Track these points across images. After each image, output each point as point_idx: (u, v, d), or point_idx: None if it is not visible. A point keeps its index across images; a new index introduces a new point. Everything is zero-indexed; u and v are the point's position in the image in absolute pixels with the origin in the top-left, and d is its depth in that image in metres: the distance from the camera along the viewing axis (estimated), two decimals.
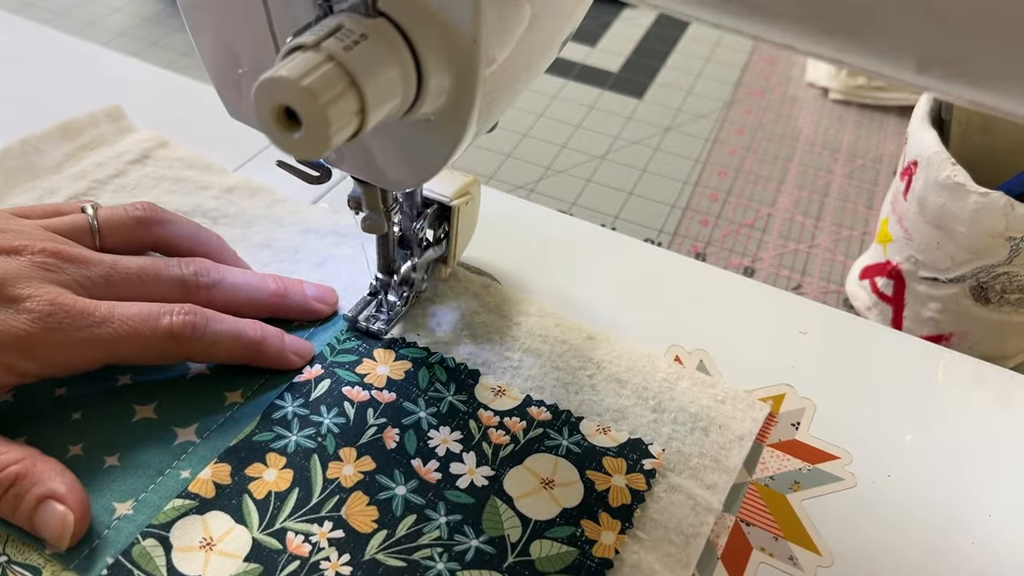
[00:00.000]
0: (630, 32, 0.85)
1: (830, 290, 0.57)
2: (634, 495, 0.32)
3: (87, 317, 0.31)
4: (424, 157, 0.27)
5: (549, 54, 0.29)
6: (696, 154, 0.68)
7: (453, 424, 0.34)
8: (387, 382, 0.36)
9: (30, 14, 0.80)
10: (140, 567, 0.29)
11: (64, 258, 0.33)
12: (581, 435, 0.34)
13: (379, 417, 0.34)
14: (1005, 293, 0.45)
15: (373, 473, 0.32)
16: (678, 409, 0.36)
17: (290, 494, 0.31)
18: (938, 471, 0.36)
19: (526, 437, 0.34)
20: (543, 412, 0.35)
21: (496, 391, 0.36)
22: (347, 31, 0.21)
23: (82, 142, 0.47)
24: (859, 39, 0.18)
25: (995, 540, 0.33)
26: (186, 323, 0.33)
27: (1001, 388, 0.39)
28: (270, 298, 0.37)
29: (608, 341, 0.38)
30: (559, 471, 0.33)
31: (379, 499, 0.32)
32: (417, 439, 0.34)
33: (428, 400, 0.35)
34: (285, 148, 0.21)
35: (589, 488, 0.33)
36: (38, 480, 0.29)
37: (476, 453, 0.33)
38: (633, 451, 0.34)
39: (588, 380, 0.37)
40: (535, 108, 0.72)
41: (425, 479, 0.32)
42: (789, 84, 0.78)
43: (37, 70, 0.54)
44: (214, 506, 0.31)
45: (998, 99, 0.17)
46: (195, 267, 0.36)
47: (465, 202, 0.38)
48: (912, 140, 0.47)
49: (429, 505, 0.32)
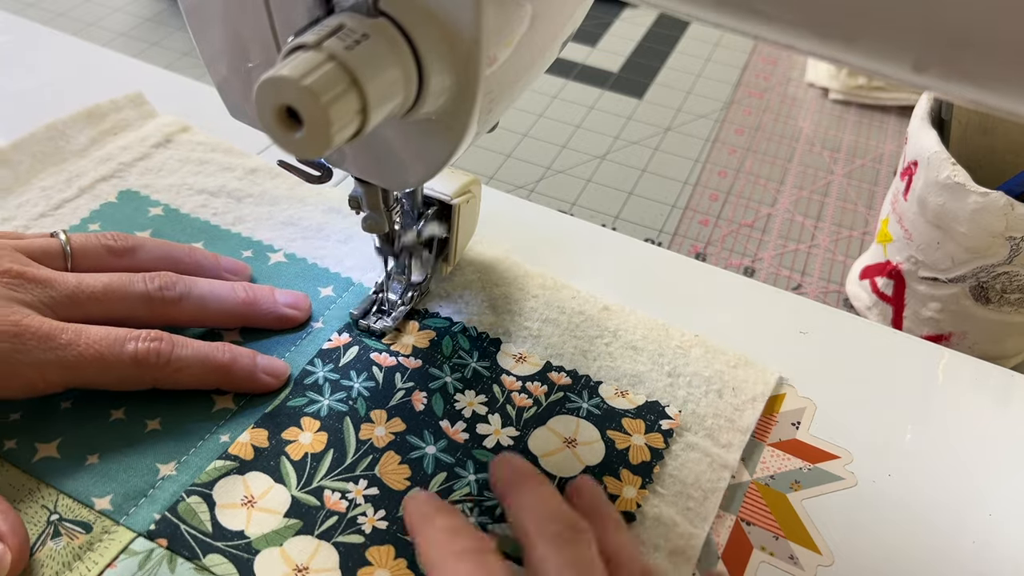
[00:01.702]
0: (630, 32, 0.85)
1: (830, 290, 0.57)
2: (653, 453, 0.34)
3: (52, 340, 0.31)
4: (425, 157, 0.27)
5: (549, 54, 0.29)
6: (696, 154, 0.68)
7: (478, 388, 0.36)
8: (413, 350, 0.37)
9: (30, 14, 0.80)
10: (186, 521, 0.30)
11: (28, 279, 0.32)
12: (600, 398, 0.36)
13: (407, 381, 0.36)
14: (1005, 293, 0.45)
15: (403, 434, 0.34)
16: (692, 374, 0.37)
17: (325, 455, 0.33)
18: (938, 471, 0.36)
19: (548, 400, 0.36)
20: (563, 377, 0.37)
21: (517, 358, 0.37)
22: (348, 31, 0.21)
23: (106, 127, 0.48)
24: (855, 44, 0.18)
25: (995, 540, 0.33)
26: (151, 350, 0.32)
27: (1001, 388, 0.39)
28: (239, 306, 0.37)
29: (623, 312, 0.40)
30: (581, 431, 0.35)
31: (410, 458, 0.33)
32: (444, 402, 0.35)
33: (453, 366, 0.37)
34: (286, 148, 0.21)
35: (610, 447, 0.34)
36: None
37: (501, 415, 0.35)
38: (651, 412, 0.36)
39: (605, 348, 0.38)
40: (535, 108, 0.72)
41: (453, 439, 0.34)
42: (789, 84, 0.78)
43: (37, 70, 0.54)
44: (253, 467, 0.32)
45: (998, 99, 0.18)
46: (159, 282, 0.35)
47: (466, 200, 0.38)
48: (912, 140, 0.47)
49: (458, 464, 0.33)
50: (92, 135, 0.47)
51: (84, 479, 0.31)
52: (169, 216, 0.43)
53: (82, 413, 0.33)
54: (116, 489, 0.31)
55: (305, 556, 0.30)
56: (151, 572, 0.29)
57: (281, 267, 0.41)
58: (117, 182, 0.45)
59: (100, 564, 0.29)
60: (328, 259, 0.42)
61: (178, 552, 0.29)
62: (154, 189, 0.45)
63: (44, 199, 0.43)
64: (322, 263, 0.42)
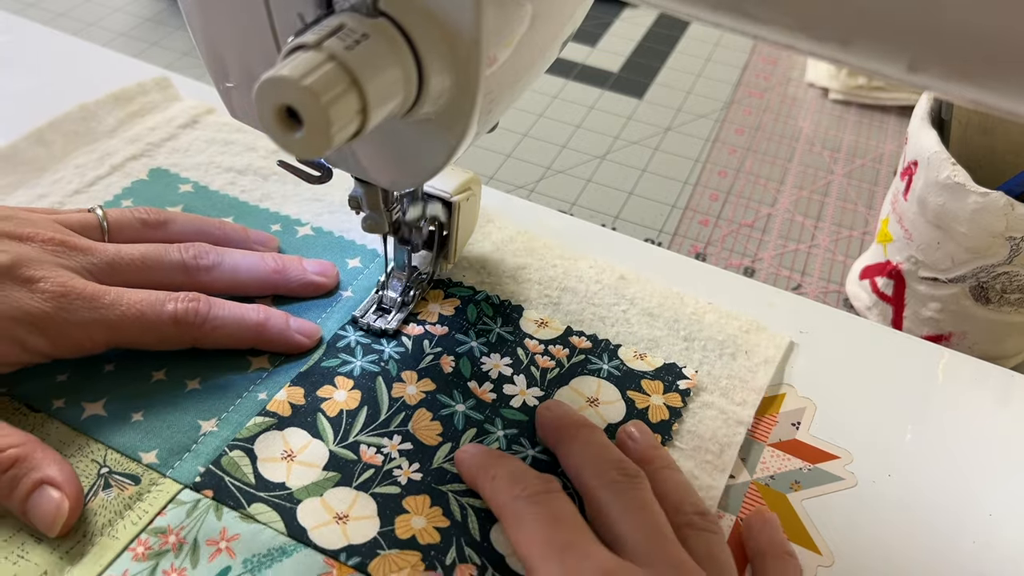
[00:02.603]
0: (630, 32, 0.85)
1: (830, 290, 0.57)
2: (671, 412, 0.36)
3: (97, 300, 0.33)
4: (425, 157, 0.27)
5: (550, 54, 0.29)
6: (696, 154, 0.68)
7: (502, 351, 0.38)
8: (439, 317, 0.39)
9: (30, 14, 0.80)
10: (230, 474, 0.32)
11: (71, 247, 0.34)
12: (620, 360, 0.38)
13: (435, 347, 0.38)
14: (1005, 293, 0.45)
15: (434, 393, 0.36)
16: (707, 338, 0.39)
17: (360, 412, 0.35)
18: (938, 471, 0.36)
19: (570, 362, 0.38)
20: (583, 341, 0.39)
21: (539, 323, 0.39)
22: (348, 31, 0.21)
23: (133, 109, 0.50)
24: (850, 46, 0.18)
25: (995, 540, 0.33)
26: (189, 309, 0.34)
27: (1001, 388, 0.39)
28: (269, 275, 0.38)
29: (639, 281, 0.42)
30: (602, 391, 0.36)
31: (441, 415, 0.35)
32: (471, 364, 0.37)
33: (478, 332, 0.38)
34: (286, 148, 0.21)
35: (630, 406, 0.36)
36: (36, 465, 0.30)
37: (526, 376, 0.37)
38: (668, 374, 0.37)
39: (622, 314, 0.40)
40: (535, 108, 0.72)
41: (481, 399, 0.36)
42: (789, 84, 0.78)
43: (37, 70, 0.54)
44: (291, 423, 0.34)
45: (998, 99, 0.18)
46: (194, 251, 0.37)
47: (466, 198, 0.39)
48: (912, 140, 0.47)
49: (487, 420, 0.35)
50: (120, 116, 0.49)
51: (130, 435, 0.33)
52: (198, 192, 0.45)
53: (125, 375, 0.35)
54: (161, 444, 0.33)
55: (345, 505, 0.31)
56: (199, 519, 0.31)
57: (309, 239, 0.43)
58: (147, 161, 0.47)
59: (150, 512, 0.31)
60: (354, 232, 0.44)
61: (224, 502, 0.31)
62: (183, 167, 0.47)
63: (78, 176, 0.45)
64: (348, 236, 0.43)
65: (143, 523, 0.30)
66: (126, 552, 0.30)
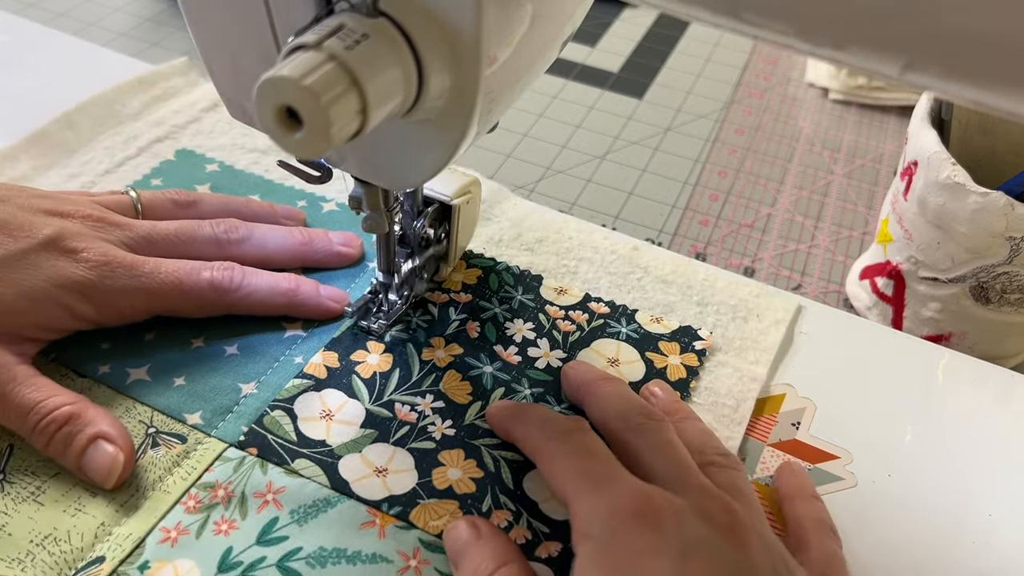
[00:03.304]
0: (630, 32, 0.85)
1: (830, 290, 0.57)
2: (689, 371, 0.38)
3: (137, 268, 0.35)
4: (425, 157, 0.27)
5: (550, 54, 0.29)
6: (696, 154, 0.68)
7: (525, 317, 0.40)
8: (462, 286, 0.41)
9: (30, 14, 0.80)
10: (272, 432, 0.34)
11: (109, 222, 0.36)
12: (637, 324, 0.40)
13: (460, 313, 0.39)
14: (1005, 293, 0.45)
15: (462, 356, 0.37)
16: (719, 303, 0.41)
17: (392, 373, 0.36)
18: (938, 471, 0.36)
19: (590, 326, 0.39)
20: (602, 306, 0.40)
21: (558, 291, 0.41)
22: (348, 31, 0.21)
23: (156, 93, 0.52)
24: (847, 51, 0.18)
25: (995, 540, 0.33)
26: (224, 276, 0.36)
27: (1001, 388, 0.39)
28: (297, 247, 0.40)
29: (651, 250, 0.44)
30: (622, 352, 0.38)
31: (470, 376, 0.37)
32: (496, 329, 0.39)
33: (500, 299, 0.40)
34: (286, 148, 0.21)
35: (649, 366, 0.38)
36: (90, 421, 0.32)
37: (548, 339, 0.39)
38: (684, 336, 0.39)
39: (637, 282, 0.42)
40: (535, 108, 0.72)
41: (507, 361, 0.37)
42: (789, 84, 0.78)
43: (37, 70, 0.54)
44: (328, 385, 0.36)
45: (998, 99, 0.18)
46: (225, 225, 0.39)
47: (466, 201, 0.38)
48: (912, 140, 0.47)
49: (514, 380, 0.37)
50: (144, 100, 0.51)
51: (174, 398, 0.35)
52: (225, 172, 0.47)
53: (165, 343, 0.37)
54: (204, 406, 0.34)
55: (383, 459, 0.33)
56: (245, 475, 0.32)
57: (335, 215, 0.45)
58: (172, 142, 0.49)
59: (198, 469, 0.32)
60: None
61: (268, 459, 0.33)
62: (207, 148, 0.48)
63: (107, 157, 0.47)
64: None
65: (192, 478, 0.32)
66: (178, 505, 0.31)
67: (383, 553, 0.30)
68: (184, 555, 0.30)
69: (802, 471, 0.35)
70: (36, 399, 0.31)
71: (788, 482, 0.34)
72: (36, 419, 0.31)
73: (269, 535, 0.31)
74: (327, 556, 0.30)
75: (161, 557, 0.30)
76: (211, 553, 0.30)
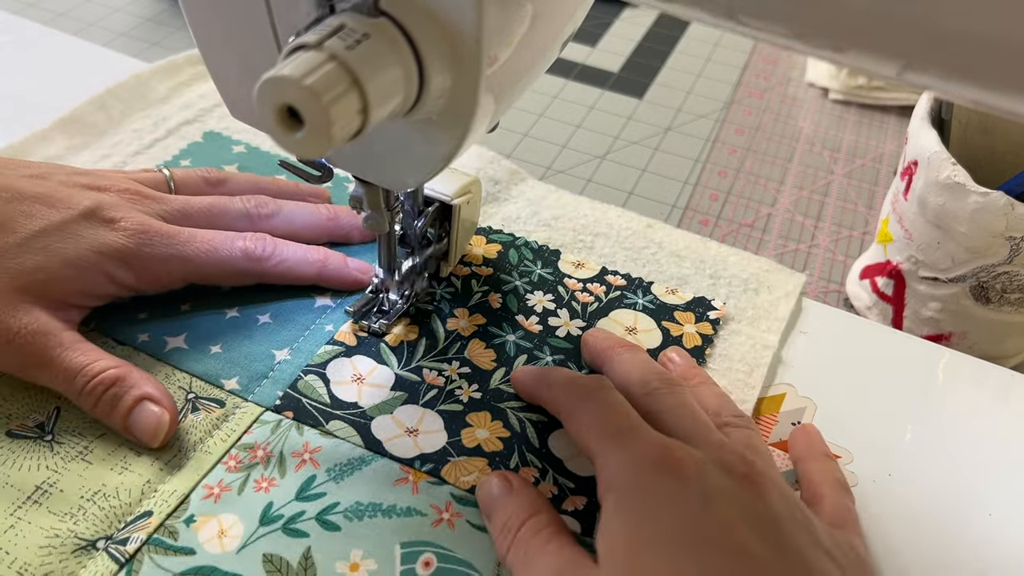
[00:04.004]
0: (630, 32, 0.85)
1: (830, 290, 0.57)
2: (704, 339, 0.39)
3: (173, 237, 0.36)
4: (426, 157, 0.27)
5: (550, 54, 0.29)
6: (696, 154, 0.68)
7: (544, 289, 0.41)
8: (483, 260, 0.43)
9: (30, 14, 0.80)
10: (307, 396, 0.35)
11: (144, 195, 0.38)
12: (653, 295, 0.41)
13: (482, 285, 0.41)
14: (1005, 293, 0.45)
15: (485, 326, 0.39)
16: (731, 276, 0.43)
17: (419, 342, 0.38)
18: (938, 470, 0.36)
19: (607, 298, 0.41)
20: (618, 279, 0.42)
21: (576, 264, 0.43)
22: (349, 30, 0.21)
23: (183, 79, 0.54)
24: (845, 54, 0.18)
25: (995, 540, 0.33)
26: (257, 245, 0.38)
27: (1001, 388, 0.39)
28: (324, 222, 0.42)
29: (664, 227, 0.46)
30: (639, 321, 0.40)
31: (494, 343, 0.38)
32: (517, 300, 0.41)
33: (520, 272, 0.42)
34: (287, 147, 0.21)
35: (666, 334, 0.39)
36: (135, 384, 0.33)
37: (568, 310, 0.40)
38: (699, 306, 0.41)
39: (652, 256, 0.43)
40: (535, 108, 0.72)
41: (529, 330, 0.39)
42: (789, 84, 0.78)
43: (38, 70, 0.54)
44: (357, 351, 0.37)
45: (998, 99, 0.18)
46: (255, 200, 0.40)
47: (466, 201, 0.39)
48: (912, 140, 0.47)
49: (536, 348, 0.38)
50: (171, 85, 0.53)
51: (211, 364, 0.36)
52: (251, 153, 0.49)
53: (201, 313, 0.38)
54: (240, 372, 0.36)
55: (414, 420, 0.35)
56: (282, 436, 0.34)
57: None
58: (200, 125, 0.50)
59: (237, 431, 0.34)
60: None
61: (303, 421, 0.34)
62: (234, 131, 0.50)
63: (137, 139, 0.49)
64: None
65: (232, 440, 0.34)
66: (219, 465, 0.33)
67: (417, 507, 0.32)
68: (227, 510, 0.31)
69: (816, 432, 0.36)
70: (83, 363, 0.33)
71: (801, 442, 0.35)
72: (83, 382, 0.32)
73: (307, 491, 0.32)
74: (364, 510, 0.32)
75: (205, 512, 0.31)
76: (253, 508, 0.31)
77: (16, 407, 0.34)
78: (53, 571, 0.29)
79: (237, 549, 0.30)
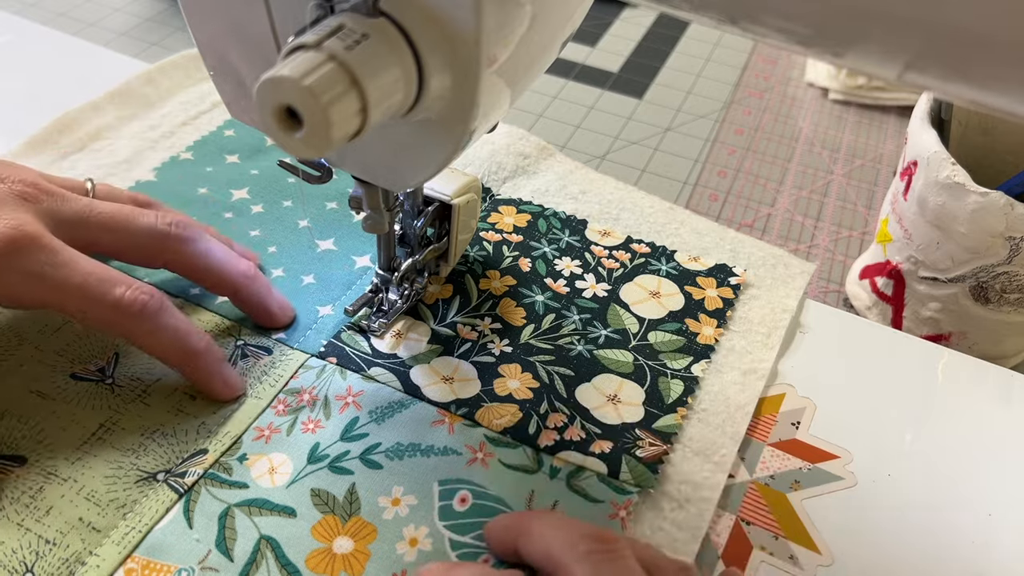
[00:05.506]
0: (630, 32, 0.85)
1: (830, 290, 0.57)
2: (725, 302, 0.41)
3: (47, 254, 0.31)
4: (425, 157, 0.27)
5: (550, 54, 0.29)
6: (696, 154, 0.68)
7: (572, 255, 0.43)
8: (513, 228, 0.44)
9: (30, 14, 0.80)
10: (349, 346, 0.37)
11: (43, 190, 0.33)
12: (676, 262, 0.43)
13: (512, 251, 0.43)
14: (1005, 293, 0.45)
15: (515, 287, 0.41)
16: (749, 253, 0.44)
17: (453, 300, 0.40)
18: (938, 471, 0.36)
19: (632, 264, 0.43)
20: (643, 247, 0.44)
21: (603, 233, 0.45)
22: (348, 31, 0.21)
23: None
24: (845, 58, 0.18)
25: (995, 540, 0.33)
26: (137, 300, 0.32)
27: (1001, 388, 0.39)
28: (238, 275, 0.37)
29: (684, 211, 0.47)
30: (663, 286, 0.42)
31: (524, 303, 0.40)
32: (546, 265, 0.42)
33: (549, 240, 0.44)
34: (286, 148, 0.21)
35: (688, 298, 0.41)
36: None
37: (594, 274, 0.42)
38: (720, 272, 0.43)
39: (675, 231, 0.45)
40: (535, 108, 0.72)
41: (557, 292, 0.41)
42: (789, 84, 0.78)
43: (38, 70, 0.54)
44: None
45: (998, 99, 0.18)
46: (172, 218, 0.35)
47: (466, 201, 0.38)
48: (912, 140, 0.47)
49: (564, 308, 0.40)
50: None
51: None
52: None
53: None
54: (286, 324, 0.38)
55: (449, 370, 0.37)
56: (327, 380, 0.36)
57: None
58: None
59: (285, 376, 0.36)
60: None
61: (346, 367, 0.36)
62: None
63: (183, 111, 0.50)
64: None
65: (279, 385, 0.36)
66: (269, 409, 0.35)
67: (453, 447, 0.34)
68: (277, 449, 0.33)
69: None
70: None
71: None
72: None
73: (351, 432, 0.34)
74: (404, 450, 0.33)
75: (257, 451, 0.33)
76: (301, 448, 0.33)
77: (79, 351, 0.36)
78: (118, 498, 0.31)
79: (287, 484, 0.32)
